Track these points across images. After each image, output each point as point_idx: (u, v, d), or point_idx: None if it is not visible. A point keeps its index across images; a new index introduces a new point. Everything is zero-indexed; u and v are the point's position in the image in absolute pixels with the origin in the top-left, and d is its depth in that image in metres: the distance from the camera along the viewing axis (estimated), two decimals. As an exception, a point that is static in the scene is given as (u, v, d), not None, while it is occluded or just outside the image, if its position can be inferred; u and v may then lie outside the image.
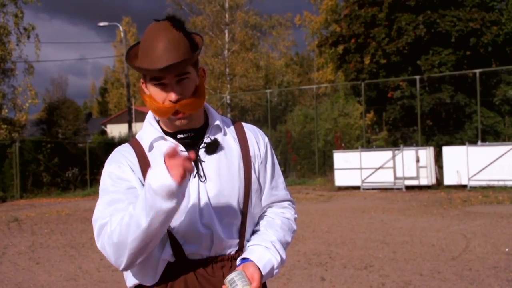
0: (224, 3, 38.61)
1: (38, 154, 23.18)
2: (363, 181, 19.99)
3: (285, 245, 1.88)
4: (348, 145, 25.91)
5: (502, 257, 7.33)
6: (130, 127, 28.98)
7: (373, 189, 19.82)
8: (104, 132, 50.64)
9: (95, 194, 22.15)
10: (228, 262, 1.79)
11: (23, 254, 8.75)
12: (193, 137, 1.80)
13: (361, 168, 20.01)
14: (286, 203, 1.97)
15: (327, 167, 24.66)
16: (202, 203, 1.75)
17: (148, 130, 1.83)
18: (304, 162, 27.09)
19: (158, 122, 1.85)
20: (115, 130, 44.02)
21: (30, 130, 34.11)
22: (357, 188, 20.15)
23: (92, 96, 78.70)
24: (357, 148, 22.46)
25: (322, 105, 30.51)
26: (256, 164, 1.87)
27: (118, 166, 1.76)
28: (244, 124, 1.94)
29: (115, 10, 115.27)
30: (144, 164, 1.75)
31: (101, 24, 30.43)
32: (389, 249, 8.17)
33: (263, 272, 1.73)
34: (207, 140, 1.80)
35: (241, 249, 1.82)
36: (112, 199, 1.70)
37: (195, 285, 1.75)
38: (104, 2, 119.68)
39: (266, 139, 1.94)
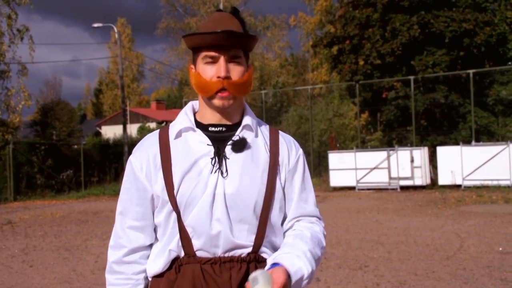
0: (219, 4, 38.64)
1: (32, 156, 23.10)
2: (358, 182, 20.01)
3: (316, 258, 1.80)
4: (343, 146, 25.94)
5: (495, 256, 7.35)
6: (124, 129, 28.86)
7: (368, 189, 19.85)
8: (98, 134, 50.53)
9: (89, 196, 22.11)
10: (238, 264, 1.75)
11: (16, 257, 8.71)
12: (224, 132, 1.81)
13: (356, 169, 20.03)
14: (314, 219, 1.92)
15: (322, 168, 24.68)
16: (217, 199, 1.74)
17: (181, 119, 1.85)
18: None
19: (194, 114, 1.88)
20: (110, 131, 43.96)
21: (24, 131, 34.00)
22: (352, 188, 20.18)
23: (86, 98, 78.58)
24: (352, 148, 22.49)
25: (317, 105, 30.53)
26: (282, 172, 1.84)
27: (135, 157, 1.85)
28: (280, 132, 1.92)
29: (108, 11, 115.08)
30: (165, 152, 1.80)
31: (96, 25, 30.31)
32: (384, 249, 8.18)
33: (293, 279, 1.66)
34: (235, 137, 1.80)
35: (254, 252, 1.77)
36: (123, 209, 1.87)
37: (201, 282, 1.73)
38: (97, 3, 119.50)
39: (301, 151, 1.91)
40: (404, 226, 10.52)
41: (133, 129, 42.36)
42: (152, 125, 46.11)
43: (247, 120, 1.84)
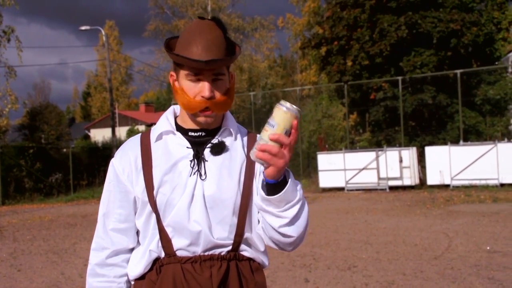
0: (207, 6, 38.64)
1: (20, 160, 22.95)
2: (347, 182, 20.06)
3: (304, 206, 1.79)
4: (332, 147, 25.99)
5: (483, 255, 7.40)
6: (113, 132, 28.78)
7: (357, 190, 19.90)
8: (87, 137, 50.30)
9: (78, 199, 22.00)
10: (218, 262, 1.77)
11: (4, 261, 8.66)
12: (203, 136, 1.83)
13: (345, 169, 20.09)
14: None
15: (311, 169, 24.73)
16: (196, 200, 1.76)
17: (162, 123, 1.88)
18: (289, 164, 27.04)
19: (175, 118, 1.90)
20: (99, 134, 43.75)
21: (12, 135, 33.79)
22: (341, 189, 20.23)
23: (74, 101, 78.20)
24: (340, 149, 22.55)
25: (305, 107, 30.57)
26: (260, 174, 1.85)
27: (117, 160, 1.87)
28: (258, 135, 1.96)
29: (95, 14, 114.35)
30: (146, 154, 1.83)
31: (83, 28, 30.19)
32: (373, 250, 8.21)
33: (290, 177, 1.70)
34: (214, 141, 1.83)
35: (234, 250, 1.80)
36: (106, 211, 1.91)
37: (182, 281, 1.75)
38: (83, 5, 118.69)
39: None
40: (393, 226, 10.56)
41: (122, 132, 42.20)
42: (141, 127, 45.96)
43: (226, 124, 1.87)
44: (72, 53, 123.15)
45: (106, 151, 28.33)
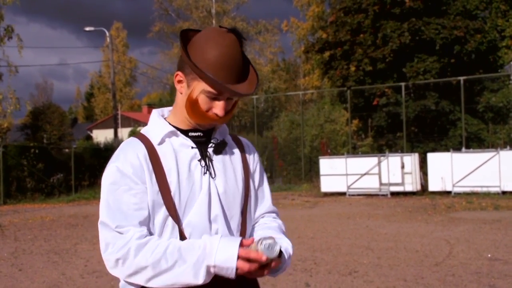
0: (211, 9, 38.73)
1: (22, 159, 22.98)
2: (348, 187, 20.06)
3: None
4: (334, 151, 26.00)
5: (484, 262, 7.39)
6: (116, 133, 28.83)
7: (358, 195, 19.90)
8: (89, 138, 50.36)
9: (80, 199, 22.02)
10: None
11: (5, 261, 8.66)
12: (202, 137, 1.87)
13: (346, 174, 20.08)
14: (274, 214, 2.05)
15: (313, 173, 24.73)
16: (212, 198, 1.80)
17: (158, 125, 1.85)
18: (290, 168, 27.14)
19: (164, 119, 1.90)
20: (101, 135, 43.82)
21: (14, 135, 33.87)
22: (343, 194, 20.22)
23: (76, 101, 78.28)
24: (343, 154, 22.55)
25: (308, 111, 30.60)
26: (250, 172, 1.95)
27: (122, 162, 1.76)
28: (239, 136, 2.04)
29: (97, 14, 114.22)
30: (153, 155, 1.78)
31: (88, 29, 30.23)
32: (374, 255, 8.20)
33: (286, 257, 1.79)
34: (215, 140, 1.89)
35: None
36: (119, 222, 1.71)
37: None
38: (85, 5, 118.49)
39: (257, 153, 2.04)
40: (394, 232, 10.56)
41: (124, 133, 42.27)
42: (144, 129, 46.04)
43: (219, 125, 1.92)
44: (73, 53, 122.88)
45: (108, 152, 28.33)
